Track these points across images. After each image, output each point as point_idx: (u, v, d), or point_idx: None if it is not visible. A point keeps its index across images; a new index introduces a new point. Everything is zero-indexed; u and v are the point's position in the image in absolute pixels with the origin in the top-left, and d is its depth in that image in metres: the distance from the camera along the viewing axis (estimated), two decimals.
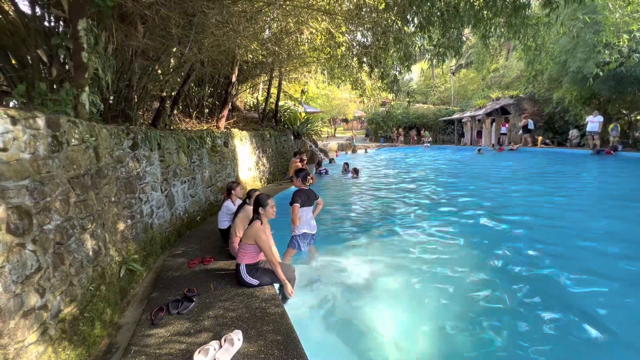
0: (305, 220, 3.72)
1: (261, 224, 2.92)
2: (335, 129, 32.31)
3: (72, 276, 2.23)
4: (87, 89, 3.10)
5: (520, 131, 15.80)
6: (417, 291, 3.35)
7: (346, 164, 11.68)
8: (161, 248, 4.22)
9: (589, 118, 11.46)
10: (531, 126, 15.56)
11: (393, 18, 5.96)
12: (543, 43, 6.01)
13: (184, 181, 5.20)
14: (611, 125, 12.06)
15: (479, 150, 15.94)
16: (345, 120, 39.38)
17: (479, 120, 19.33)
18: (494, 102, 18.21)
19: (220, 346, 1.88)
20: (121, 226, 3.31)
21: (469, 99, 28.89)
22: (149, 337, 2.13)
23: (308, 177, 3.84)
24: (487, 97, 19.99)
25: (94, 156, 2.83)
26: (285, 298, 2.81)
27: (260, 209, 2.99)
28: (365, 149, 21.92)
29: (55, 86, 3.53)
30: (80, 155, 2.56)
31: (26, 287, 1.76)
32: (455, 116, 21.79)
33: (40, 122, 2.09)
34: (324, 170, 11.20)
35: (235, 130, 8.02)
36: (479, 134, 18.89)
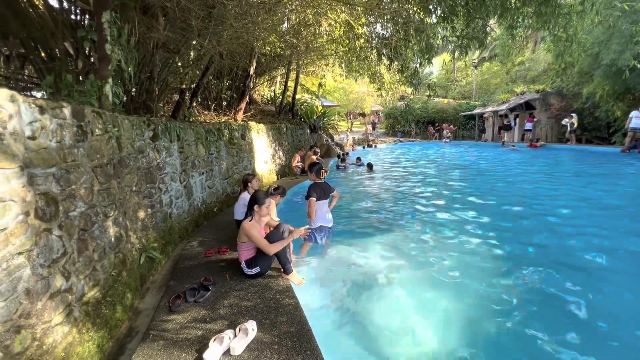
0: (321, 213, 3.72)
1: (251, 220, 2.97)
2: (352, 123, 32.03)
3: (95, 261, 2.32)
4: (110, 80, 3.18)
5: (567, 127, 14.62)
6: (433, 288, 3.29)
7: (358, 158, 11.58)
8: (179, 237, 4.33)
9: (634, 113, 10.68)
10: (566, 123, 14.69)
11: (415, 9, 5.79)
12: (575, 33, 5.68)
13: (202, 172, 5.30)
14: None
15: (512, 146, 15.35)
16: (362, 114, 38.98)
17: (501, 116, 18.65)
18: (518, 97, 17.52)
19: (235, 335, 1.91)
20: (142, 215, 3.40)
21: (491, 93, 27.93)
22: (166, 322, 2.19)
23: (322, 170, 3.82)
24: (511, 91, 19.24)
25: (117, 146, 2.91)
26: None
27: (256, 207, 3.01)
28: (373, 144, 21.40)
29: (81, 78, 3.65)
30: (103, 145, 2.63)
31: (52, 270, 1.84)
32: (477, 111, 21.13)
33: (67, 111, 2.16)
34: (343, 166, 11.10)
35: (252, 123, 8.08)
36: (501, 129, 18.22)
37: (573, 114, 14.35)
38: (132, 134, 3.31)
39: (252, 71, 7.83)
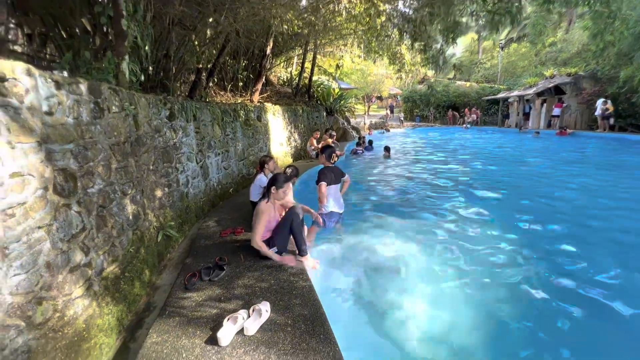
0: (333, 198, 3.65)
1: (267, 202, 2.93)
2: (369, 107, 31.37)
3: (114, 238, 2.36)
4: (127, 57, 3.15)
5: (599, 111, 13.73)
6: (448, 276, 3.21)
7: (370, 141, 11.33)
8: (195, 217, 4.39)
9: None
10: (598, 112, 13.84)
11: None
12: (619, 9, 5.20)
13: (217, 153, 5.30)
14: None
15: (536, 132, 14.64)
16: (380, 98, 38.06)
17: (527, 100, 17.74)
18: (547, 81, 16.54)
19: (249, 315, 1.91)
20: (159, 193, 3.44)
21: (517, 76, 26.54)
22: (182, 300, 2.22)
23: (334, 154, 3.73)
24: (539, 74, 18.19)
25: (134, 124, 2.90)
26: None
27: (273, 189, 2.94)
28: (389, 128, 20.82)
29: (98, 55, 3.64)
30: (120, 122, 2.63)
31: (72, 245, 1.87)
32: (501, 95, 20.17)
33: (83, 88, 2.14)
34: (361, 150, 10.86)
35: (268, 105, 7.99)
36: (527, 115, 17.34)
37: (607, 100, 13.47)
38: (148, 112, 3.30)
39: (268, 51, 7.67)
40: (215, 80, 7.36)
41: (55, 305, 1.68)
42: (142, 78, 3.71)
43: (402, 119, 24.49)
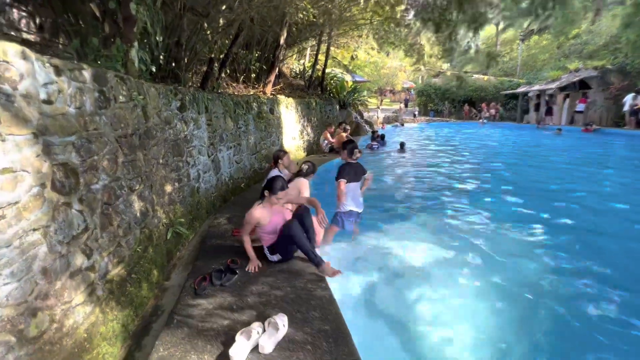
0: (352, 197, 3.42)
1: (260, 205, 2.75)
2: (381, 100, 30.78)
3: (120, 237, 2.20)
4: (136, 44, 2.97)
5: (627, 107, 12.98)
6: (472, 280, 2.97)
7: (382, 136, 10.97)
8: (206, 212, 4.24)
9: None
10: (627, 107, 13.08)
11: None
12: None
13: (229, 147, 5.13)
14: None
15: (558, 130, 13.99)
16: (392, 92, 37.33)
17: (550, 95, 17.00)
18: (572, 74, 15.77)
19: (264, 330, 1.73)
20: (168, 188, 3.28)
21: (537, 70, 25.54)
22: (191, 307, 2.05)
23: (356, 150, 3.49)
24: (562, 68, 17.37)
25: (142, 115, 2.73)
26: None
27: (266, 192, 2.74)
28: (401, 123, 20.26)
29: (107, 43, 3.47)
30: (128, 113, 2.45)
31: (72, 248, 1.71)
32: (521, 90, 19.41)
33: (86, 74, 1.96)
34: (377, 145, 10.53)
35: (281, 97, 7.76)
36: (549, 110, 16.59)
37: (637, 95, 12.73)
38: (158, 103, 3.12)
39: (282, 41, 7.41)
40: (228, 71, 7.16)
41: (52, 316, 1.52)
42: (153, 67, 3.53)
43: (415, 113, 23.92)
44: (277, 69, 8.00)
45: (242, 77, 7.50)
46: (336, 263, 2.83)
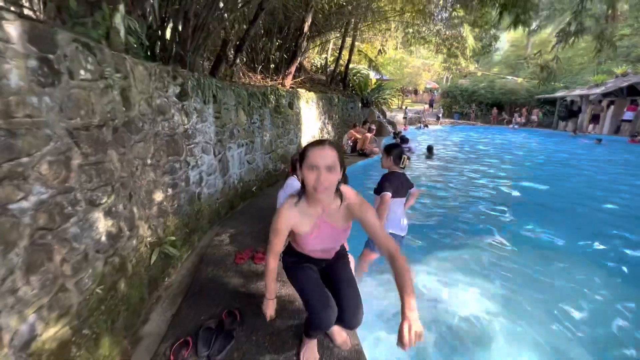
0: (395, 216, 2.63)
1: (294, 201, 1.46)
2: (403, 100, 29.58)
3: (65, 277, 1.50)
4: (122, 8, 2.27)
5: None
6: (550, 329, 2.14)
7: (403, 137, 9.99)
8: (209, 222, 3.54)
9: None
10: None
11: None
12: None
13: (241, 144, 4.42)
14: None
15: (598, 140, 12.69)
16: (415, 92, 35.96)
17: (591, 101, 15.56)
18: (619, 79, 14.33)
19: None
20: (159, 196, 2.58)
21: (574, 74, 23.83)
22: None
23: (404, 156, 2.70)
24: (608, 72, 15.88)
25: (121, 101, 2.02)
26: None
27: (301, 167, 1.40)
28: (425, 124, 19.18)
29: (94, 8, 2.80)
30: (95, 96, 1.74)
31: None
32: (559, 94, 17.97)
33: (11, 29, 1.25)
34: (407, 148, 9.52)
35: (302, 91, 7.01)
36: (595, 118, 15.13)
37: None
38: (149, 86, 2.41)
39: (306, 28, 6.65)
40: (245, 59, 6.47)
41: None
42: (154, 45, 2.84)
43: (440, 115, 22.67)
44: (298, 59, 7.25)
45: (260, 66, 6.79)
46: (369, 306, 2.06)
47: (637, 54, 17.23)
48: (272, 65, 7.03)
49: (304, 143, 6.93)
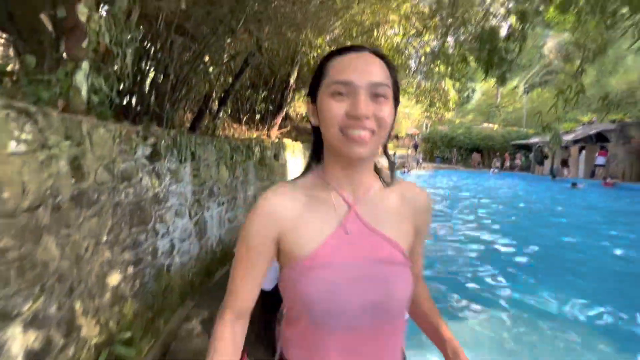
0: None
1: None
2: (386, 146, 30.41)
3: None
4: (85, 65, 2.01)
5: None
6: None
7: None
8: (180, 298, 3.02)
9: None
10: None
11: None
12: None
13: (221, 202, 4.05)
14: None
15: (573, 184, 13.09)
16: (396, 137, 37.36)
17: (564, 147, 16.38)
18: (587, 127, 15.29)
19: None
20: (115, 279, 2.13)
21: (541, 122, 25.45)
22: None
23: None
24: (575, 120, 17.00)
25: (69, 172, 1.67)
26: None
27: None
28: (408, 169, 19.29)
29: (58, 65, 2.55)
30: (28, 173, 1.39)
31: None
32: (533, 140, 18.92)
33: None
34: None
35: (287, 141, 6.88)
36: (564, 162, 15.91)
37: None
38: (111, 151, 2.09)
39: (292, 81, 6.71)
40: (229, 110, 6.35)
41: None
42: (118, 101, 2.57)
43: (419, 159, 23.18)
44: (284, 111, 7.25)
45: (245, 117, 6.69)
46: None
47: (597, 106, 18.69)
48: (258, 116, 6.96)
49: None
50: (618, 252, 5.40)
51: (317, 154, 0.74)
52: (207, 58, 3.83)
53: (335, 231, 0.64)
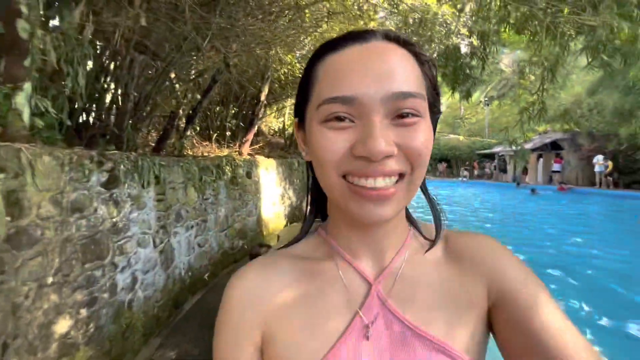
0: None
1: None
2: None
3: None
4: (27, 86, 1.81)
5: (598, 168, 13.62)
6: None
7: None
8: (143, 336, 2.74)
9: None
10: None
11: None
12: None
13: (190, 226, 3.81)
14: None
15: (532, 190, 13.92)
16: None
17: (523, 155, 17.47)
18: (543, 136, 16.43)
19: None
20: (64, 326, 1.87)
21: (500, 131, 27.12)
22: None
23: None
24: (533, 130, 18.24)
25: (2, 209, 1.45)
26: None
27: None
28: None
29: None
30: None
31: None
32: (496, 150, 20.02)
33: None
34: None
35: (260, 158, 6.72)
36: (525, 170, 16.96)
37: (606, 156, 13.23)
38: (59, 180, 1.86)
39: (263, 97, 6.62)
40: (198, 128, 6.12)
41: None
42: (69, 123, 2.34)
43: None
44: (255, 127, 7.10)
45: (215, 134, 6.47)
46: None
47: (549, 116, 20.28)
48: (229, 133, 6.76)
49: (264, 213, 6.43)
50: (574, 250, 5.71)
51: (317, 205, 0.53)
52: (172, 75, 3.65)
53: (348, 330, 0.41)
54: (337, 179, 0.39)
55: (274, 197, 7.20)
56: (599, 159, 13.53)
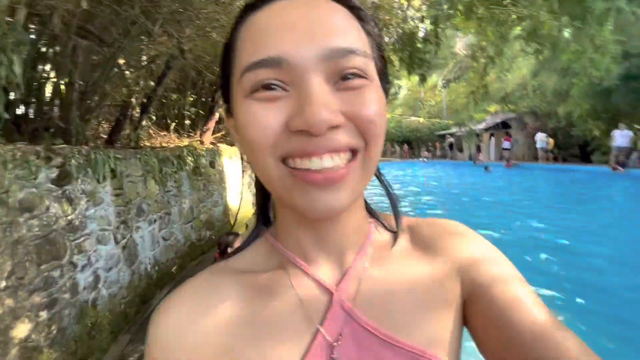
0: None
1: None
2: None
3: None
4: None
5: (540, 144, 14.88)
6: None
7: None
8: (111, 333, 2.69)
9: (617, 132, 10.70)
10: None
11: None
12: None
13: (153, 220, 3.70)
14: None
15: (486, 168, 14.99)
16: None
17: (477, 135, 18.64)
18: (494, 116, 17.61)
19: None
20: (23, 330, 1.79)
21: (457, 112, 28.61)
22: None
23: None
24: (485, 111, 19.43)
25: None
26: None
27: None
28: None
29: None
30: None
31: None
32: (453, 130, 21.13)
33: None
34: None
35: (223, 146, 6.57)
36: (478, 148, 18.18)
37: (546, 133, 14.61)
38: (2, 178, 1.74)
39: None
40: (154, 117, 5.82)
41: None
42: (7, 116, 2.15)
43: None
44: (216, 115, 6.88)
45: (173, 124, 6.19)
46: None
47: (500, 96, 21.71)
48: (188, 122, 6.49)
49: (231, 203, 6.35)
50: (519, 223, 6.33)
51: (264, 209, 0.44)
52: (122, 61, 3.43)
53: (309, 354, 0.33)
54: (274, 164, 0.31)
55: (240, 185, 7.12)
56: (541, 136, 14.87)
